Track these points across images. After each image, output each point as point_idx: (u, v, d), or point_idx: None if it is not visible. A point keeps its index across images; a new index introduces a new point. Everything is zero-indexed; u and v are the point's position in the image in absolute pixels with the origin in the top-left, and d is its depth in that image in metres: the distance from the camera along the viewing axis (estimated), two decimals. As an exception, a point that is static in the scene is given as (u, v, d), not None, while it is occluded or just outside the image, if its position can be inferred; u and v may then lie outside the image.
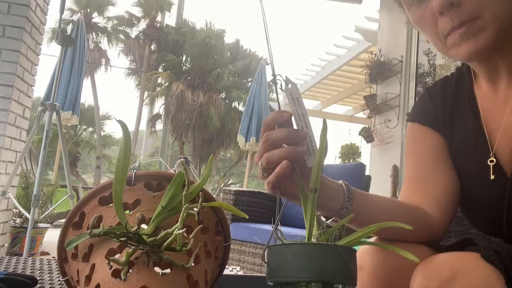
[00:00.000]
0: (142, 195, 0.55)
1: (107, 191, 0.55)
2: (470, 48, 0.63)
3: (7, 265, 0.98)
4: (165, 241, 0.46)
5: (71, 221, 0.55)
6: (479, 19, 0.62)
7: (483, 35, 0.62)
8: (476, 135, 0.74)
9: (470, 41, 0.63)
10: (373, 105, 4.62)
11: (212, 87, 17.98)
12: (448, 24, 0.64)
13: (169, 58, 18.76)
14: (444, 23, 0.65)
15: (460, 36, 0.64)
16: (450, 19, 0.64)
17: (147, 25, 20.16)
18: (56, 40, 2.75)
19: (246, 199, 3.15)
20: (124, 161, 0.50)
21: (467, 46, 0.63)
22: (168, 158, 22.06)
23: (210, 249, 0.55)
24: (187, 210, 0.49)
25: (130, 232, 0.45)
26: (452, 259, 0.56)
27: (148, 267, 0.46)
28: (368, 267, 0.69)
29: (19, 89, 3.02)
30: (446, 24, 0.65)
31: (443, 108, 0.81)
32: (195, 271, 0.49)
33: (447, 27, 0.65)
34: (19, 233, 3.29)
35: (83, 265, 0.51)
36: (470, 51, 0.64)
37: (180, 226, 0.47)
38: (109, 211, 0.53)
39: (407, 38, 4.47)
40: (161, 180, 0.56)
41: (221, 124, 17.57)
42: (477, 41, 0.63)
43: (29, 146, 2.94)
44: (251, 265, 2.79)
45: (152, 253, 0.46)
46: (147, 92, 19.37)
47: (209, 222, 0.56)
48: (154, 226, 0.50)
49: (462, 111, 0.78)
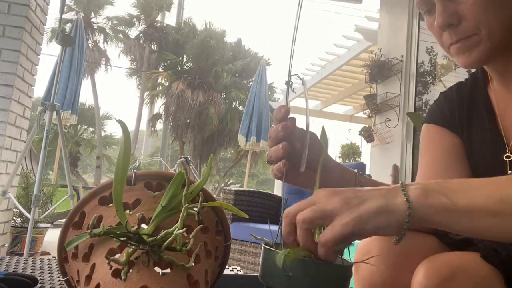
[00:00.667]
0: (142, 195, 0.55)
1: (107, 191, 0.55)
2: (464, 60, 0.73)
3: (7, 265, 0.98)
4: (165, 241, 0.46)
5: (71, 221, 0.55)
6: (475, 35, 0.70)
7: (476, 50, 0.71)
8: (492, 133, 0.78)
9: (465, 55, 0.72)
10: (373, 105, 4.62)
11: (212, 86, 17.98)
12: (448, 39, 0.74)
13: (169, 58, 18.76)
14: (445, 38, 0.74)
15: (457, 49, 0.73)
16: (449, 35, 0.73)
17: (147, 25, 20.16)
18: (56, 40, 2.75)
19: (246, 199, 3.15)
20: (124, 161, 0.50)
21: (462, 58, 0.73)
22: (168, 158, 22.07)
23: (210, 249, 0.54)
24: (187, 210, 0.49)
25: (130, 232, 0.45)
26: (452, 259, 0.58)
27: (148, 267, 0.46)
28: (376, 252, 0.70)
29: (19, 89, 3.02)
30: (446, 38, 0.74)
31: (460, 110, 0.85)
32: (195, 271, 0.49)
33: (447, 41, 0.74)
34: (20, 233, 3.29)
35: (83, 265, 0.51)
36: (465, 62, 0.73)
37: (180, 226, 0.47)
38: (109, 211, 0.53)
39: (407, 38, 4.46)
40: (161, 179, 0.56)
41: (221, 123, 17.57)
42: (469, 55, 0.72)
43: (29, 146, 2.94)
44: (251, 265, 2.79)
45: (152, 253, 0.46)
46: (147, 92, 19.37)
47: (209, 222, 0.56)
48: (154, 226, 0.50)
49: (478, 112, 0.82)
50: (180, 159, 1.20)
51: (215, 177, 20.82)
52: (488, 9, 0.68)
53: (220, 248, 0.58)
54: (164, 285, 0.46)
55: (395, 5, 4.70)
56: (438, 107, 0.89)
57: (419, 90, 4.37)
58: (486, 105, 0.81)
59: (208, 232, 0.56)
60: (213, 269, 0.57)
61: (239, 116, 14.75)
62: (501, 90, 0.80)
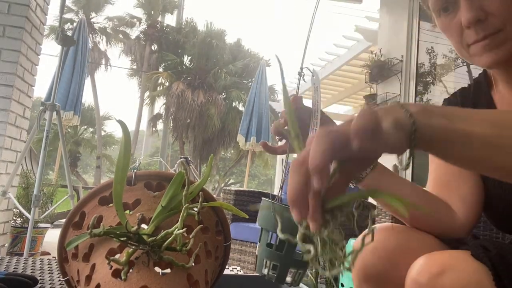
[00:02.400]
0: (142, 195, 0.54)
1: (107, 191, 0.54)
2: (491, 58, 0.69)
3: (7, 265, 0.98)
4: (165, 241, 0.46)
5: (71, 221, 0.55)
6: (501, 32, 0.68)
7: (503, 48, 0.68)
8: None
9: (492, 53, 0.69)
10: (373, 105, 4.62)
11: (213, 86, 17.97)
12: (472, 37, 0.70)
13: (169, 58, 18.75)
14: (469, 35, 0.71)
15: (482, 47, 0.69)
16: (475, 32, 0.69)
17: (147, 25, 20.16)
18: (56, 40, 2.74)
19: (247, 199, 3.15)
20: (124, 161, 0.50)
21: (489, 56, 0.69)
22: (169, 158, 22.06)
23: (211, 249, 0.54)
24: (187, 210, 0.49)
25: (130, 232, 0.45)
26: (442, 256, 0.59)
27: (148, 267, 0.46)
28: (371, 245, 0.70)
29: (19, 89, 3.02)
30: (470, 36, 0.70)
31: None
32: (195, 271, 0.49)
33: (471, 38, 0.70)
34: (20, 233, 3.29)
35: (83, 265, 0.51)
36: (491, 61, 0.70)
37: (180, 226, 0.47)
38: (109, 211, 0.53)
39: (407, 38, 4.46)
40: (161, 180, 0.56)
41: (222, 123, 17.57)
42: (497, 53, 0.69)
43: (29, 146, 2.94)
44: (252, 265, 2.79)
45: (152, 253, 0.46)
46: (148, 92, 19.37)
47: (210, 222, 0.56)
48: (154, 226, 0.50)
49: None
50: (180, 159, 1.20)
51: (215, 177, 20.81)
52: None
53: (220, 248, 0.58)
54: (164, 285, 0.46)
55: (395, 5, 4.70)
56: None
57: (419, 90, 4.37)
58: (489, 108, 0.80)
59: (208, 232, 0.56)
60: (213, 269, 0.57)
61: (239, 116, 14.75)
62: (507, 92, 0.79)
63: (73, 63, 4.89)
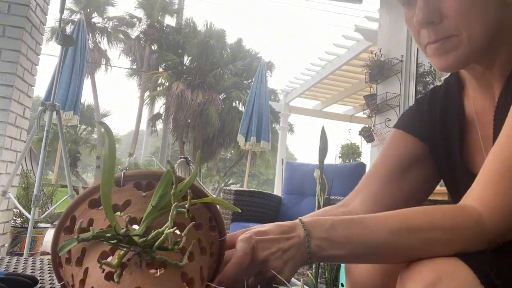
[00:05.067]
0: (132, 195, 0.54)
1: (96, 193, 0.54)
2: (441, 63, 0.67)
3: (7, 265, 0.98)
4: (156, 241, 0.46)
5: (62, 226, 0.54)
6: (455, 37, 0.65)
7: (453, 53, 0.66)
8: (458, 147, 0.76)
9: (441, 58, 0.67)
10: (373, 105, 4.62)
11: (212, 87, 17.98)
12: (426, 38, 0.68)
13: (169, 58, 18.76)
14: (423, 35, 0.69)
15: (434, 50, 0.67)
16: (428, 33, 0.67)
17: (147, 26, 20.17)
18: (56, 40, 2.75)
19: (246, 199, 3.15)
20: (109, 162, 0.50)
21: (439, 61, 0.68)
22: (169, 158, 22.07)
23: (205, 245, 0.54)
24: (176, 208, 0.49)
25: (120, 234, 0.45)
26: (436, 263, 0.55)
27: (141, 268, 0.46)
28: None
29: (19, 89, 3.02)
30: (424, 36, 0.68)
31: (430, 119, 0.82)
32: (190, 268, 0.49)
33: (425, 39, 0.69)
34: (20, 233, 3.29)
35: (77, 269, 0.51)
36: (441, 65, 0.68)
37: (170, 225, 0.47)
38: (100, 213, 0.53)
39: (407, 38, 4.46)
40: (150, 179, 0.56)
41: (221, 123, 17.58)
42: (447, 58, 0.66)
43: (29, 146, 2.94)
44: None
45: (144, 254, 0.46)
46: (148, 92, 19.38)
47: (202, 218, 0.56)
48: (145, 226, 0.50)
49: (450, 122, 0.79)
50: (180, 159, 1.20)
51: (215, 177, 20.81)
52: (472, 10, 0.63)
53: (215, 244, 0.58)
54: (158, 285, 0.46)
55: (395, 5, 4.70)
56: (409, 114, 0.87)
57: (419, 90, 4.37)
58: (458, 115, 0.77)
59: (202, 229, 0.56)
60: (209, 265, 0.56)
61: (239, 116, 14.74)
62: (477, 97, 0.75)
63: (72, 62, 4.89)
